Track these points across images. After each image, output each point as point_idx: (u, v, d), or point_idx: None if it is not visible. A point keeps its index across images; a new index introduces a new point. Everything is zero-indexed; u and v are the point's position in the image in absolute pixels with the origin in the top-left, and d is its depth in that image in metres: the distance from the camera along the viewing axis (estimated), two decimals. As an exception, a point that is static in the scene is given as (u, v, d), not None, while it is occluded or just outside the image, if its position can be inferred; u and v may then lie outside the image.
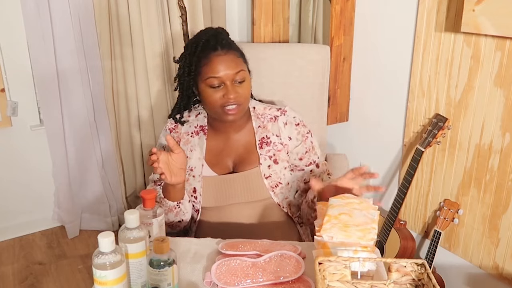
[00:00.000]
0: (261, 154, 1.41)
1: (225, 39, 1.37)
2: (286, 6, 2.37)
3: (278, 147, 1.43)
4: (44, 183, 2.52)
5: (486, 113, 1.71)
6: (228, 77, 1.32)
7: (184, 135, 1.46)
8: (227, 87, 1.32)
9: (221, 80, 1.32)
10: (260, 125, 1.45)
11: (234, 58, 1.34)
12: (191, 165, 1.42)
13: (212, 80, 1.32)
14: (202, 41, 1.35)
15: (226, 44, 1.35)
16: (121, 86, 2.48)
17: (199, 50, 1.35)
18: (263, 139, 1.43)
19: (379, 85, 2.16)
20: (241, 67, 1.34)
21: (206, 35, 1.37)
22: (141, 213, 1.03)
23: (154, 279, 0.94)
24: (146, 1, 2.35)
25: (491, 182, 1.74)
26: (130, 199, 2.70)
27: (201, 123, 1.46)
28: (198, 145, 1.44)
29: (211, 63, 1.32)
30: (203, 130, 1.45)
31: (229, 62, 1.32)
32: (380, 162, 2.23)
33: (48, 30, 2.23)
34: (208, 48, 1.34)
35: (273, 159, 1.42)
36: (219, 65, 1.31)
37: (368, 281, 0.96)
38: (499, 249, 1.77)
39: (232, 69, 1.32)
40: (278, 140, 1.43)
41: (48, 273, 2.29)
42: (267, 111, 1.47)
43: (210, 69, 1.32)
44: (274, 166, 1.41)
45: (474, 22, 1.57)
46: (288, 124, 1.46)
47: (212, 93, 1.33)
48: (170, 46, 2.51)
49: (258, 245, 1.17)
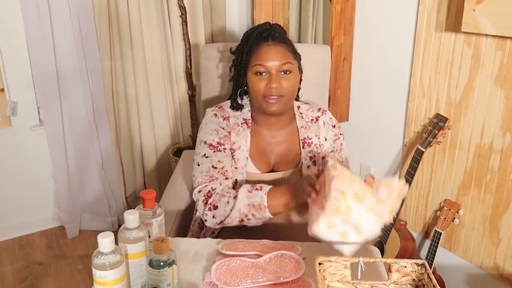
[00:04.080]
0: (303, 155, 1.43)
1: (279, 33, 1.39)
2: (286, 6, 2.37)
3: (318, 149, 1.45)
4: (43, 183, 2.52)
5: (486, 113, 1.71)
6: (274, 66, 1.34)
7: (234, 126, 1.44)
8: (272, 76, 1.34)
9: (267, 69, 1.34)
10: (303, 125, 1.47)
11: (283, 50, 1.36)
12: (237, 157, 1.41)
13: (258, 68, 1.35)
14: (256, 33, 1.40)
15: (278, 37, 1.38)
16: (121, 86, 2.48)
17: (252, 40, 1.39)
18: (305, 139, 1.45)
19: (379, 85, 2.16)
20: (288, 60, 1.36)
21: (261, 28, 1.41)
22: (141, 213, 1.03)
23: (154, 280, 0.94)
24: (146, 1, 2.35)
25: (492, 182, 1.74)
26: (129, 199, 2.70)
27: (245, 117, 1.46)
28: (243, 137, 1.43)
29: (259, 52, 1.36)
30: (246, 123, 1.45)
31: (277, 52, 1.35)
32: (381, 162, 2.23)
33: (47, 30, 2.23)
34: (261, 39, 1.38)
35: (312, 160, 1.44)
36: (267, 54, 1.35)
37: (368, 281, 0.96)
38: (500, 249, 1.76)
39: (279, 60, 1.34)
40: (318, 141, 1.45)
41: (47, 274, 2.28)
42: (310, 112, 1.50)
43: (258, 57, 1.36)
44: (312, 167, 1.43)
45: (475, 22, 1.57)
46: (326, 124, 1.49)
47: (257, 81, 1.36)
48: (170, 46, 2.51)
49: (258, 245, 1.17)
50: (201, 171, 1.35)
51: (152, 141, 2.60)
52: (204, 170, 1.35)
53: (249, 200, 1.26)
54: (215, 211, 1.29)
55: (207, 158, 1.36)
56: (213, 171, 1.34)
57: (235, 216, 1.27)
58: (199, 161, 1.37)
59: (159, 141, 2.63)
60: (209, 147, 1.39)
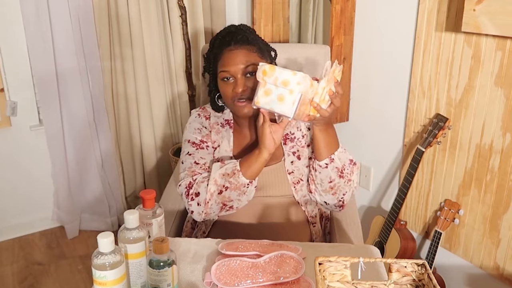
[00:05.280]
0: (285, 150, 1.42)
1: (242, 35, 1.37)
2: (286, 6, 2.37)
3: (301, 143, 1.43)
4: (43, 183, 2.52)
5: (486, 113, 1.71)
6: (237, 70, 1.33)
7: (214, 125, 1.46)
8: (237, 81, 1.33)
9: (231, 73, 1.34)
10: None
11: (246, 52, 1.35)
12: (219, 156, 1.42)
13: (223, 74, 1.35)
14: (219, 38, 1.39)
15: (240, 40, 1.36)
16: (121, 86, 2.47)
17: (215, 46, 1.39)
18: (287, 135, 1.44)
19: (379, 85, 2.16)
20: (252, 61, 1.34)
21: (224, 32, 1.41)
22: (140, 213, 1.03)
23: (154, 280, 0.94)
24: (146, 1, 2.35)
25: (492, 182, 1.74)
26: (129, 199, 2.70)
27: (227, 117, 1.47)
28: (226, 137, 1.44)
29: (223, 58, 1.36)
30: (229, 124, 1.46)
31: (240, 56, 1.34)
32: (381, 162, 2.23)
33: (47, 30, 2.22)
34: (223, 44, 1.37)
35: (296, 154, 1.43)
36: (229, 59, 1.34)
37: (368, 281, 0.96)
38: (500, 249, 1.76)
39: (242, 63, 1.33)
40: (300, 134, 1.44)
41: (47, 274, 2.28)
42: None
43: (222, 63, 1.35)
44: (296, 162, 1.42)
45: (475, 22, 1.57)
46: None
47: (224, 86, 1.36)
48: (169, 46, 2.51)
49: (258, 246, 1.17)
50: (184, 168, 1.39)
51: (152, 141, 2.60)
52: (187, 167, 1.38)
53: (223, 170, 1.30)
54: (198, 198, 1.32)
55: (190, 156, 1.40)
56: (195, 167, 1.37)
57: (213, 190, 1.30)
58: (183, 159, 1.41)
59: (159, 141, 2.63)
60: (192, 145, 1.42)
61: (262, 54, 1.39)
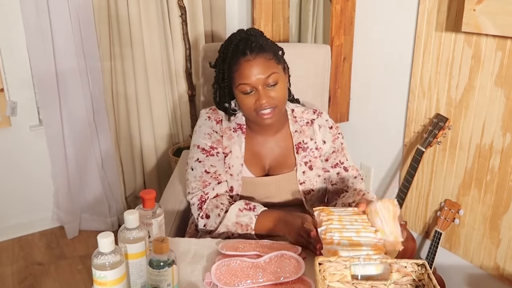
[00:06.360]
0: (298, 160, 1.41)
1: (255, 42, 1.33)
2: (286, 6, 2.37)
3: (314, 154, 1.43)
4: (43, 184, 2.52)
5: (486, 113, 1.71)
6: (259, 81, 1.29)
7: (226, 130, 1.43)
8: (259, 92, 1.30)
9: (252, 86, 1.30)
10: (297, 129, 1.44)
11: (264, 62, 1.30)
12: (230, 162, 1.40)
13: (243, 87, 1.31)
14: (232, 47, 1.33)
15: (255, 48, 1.31)
16: (121, 86, 2.47)
17: (230, 56, 1.33)
18: (300, 144, 1.43)
19: (379, 85, 2.16)
20: (272, 70, 1.31)
21: (236, 39, 1.35)
22: (140, 214, 1.03)
23: (154, 280, 0.94)
24: (146, 1, 2.35)
25: (492, 183, 1.74)
26: (129, 199, 2.70)
27: (240, 122, 1.44)
28: (237, 143, 1.42)
29: (241, 69, 1.30)
30: (241, 129, 1.43)
31: (259, 66, 1.29)
32: (381, 162, 2.23)
33: (47, 30, 2.22)
34: (238, 53, 1.31)
35: (308, 165, 1.42)
36: (249, 71, 1.29)
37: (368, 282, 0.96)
38: (500, 249, 1.76)
39: (262, 74, 1.29)
40: (313, 145, 1.43)
41: (47, 274, 2.28)
42: (305, 115, 1.47)
43: (240, 76, 1.30)
44: (308, 172, 1.41)
45: (475, 22, 1.57)
46: (322, 127, 1.45)
47: (245, 99, 1.32)
48: (169, 46, 2.51)
49: (258, 246, 1.16)
50: (195, 176, 1.37)
51: (152, 141, 2.59)
52: (198, 175, 1.36)
53: (238, 219, 1.28)
54: (206, 220, 1.32)
55: (200, 163, 1.38)
56: (206, 176, 1.36)
57: (222, 231, 1.29)
58: (193, 166, 1.38)
59: (159, 141, 2.63)
60: (202, 151, 1.39)
61: (278, 60, 1.35)
